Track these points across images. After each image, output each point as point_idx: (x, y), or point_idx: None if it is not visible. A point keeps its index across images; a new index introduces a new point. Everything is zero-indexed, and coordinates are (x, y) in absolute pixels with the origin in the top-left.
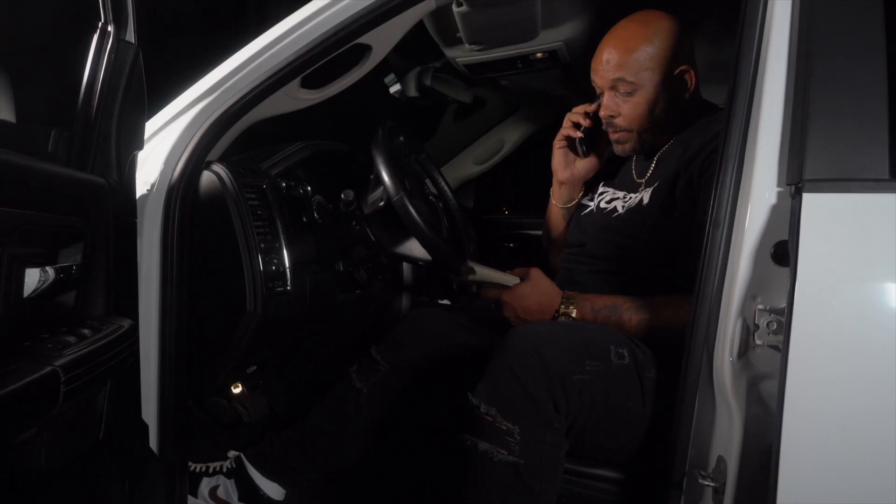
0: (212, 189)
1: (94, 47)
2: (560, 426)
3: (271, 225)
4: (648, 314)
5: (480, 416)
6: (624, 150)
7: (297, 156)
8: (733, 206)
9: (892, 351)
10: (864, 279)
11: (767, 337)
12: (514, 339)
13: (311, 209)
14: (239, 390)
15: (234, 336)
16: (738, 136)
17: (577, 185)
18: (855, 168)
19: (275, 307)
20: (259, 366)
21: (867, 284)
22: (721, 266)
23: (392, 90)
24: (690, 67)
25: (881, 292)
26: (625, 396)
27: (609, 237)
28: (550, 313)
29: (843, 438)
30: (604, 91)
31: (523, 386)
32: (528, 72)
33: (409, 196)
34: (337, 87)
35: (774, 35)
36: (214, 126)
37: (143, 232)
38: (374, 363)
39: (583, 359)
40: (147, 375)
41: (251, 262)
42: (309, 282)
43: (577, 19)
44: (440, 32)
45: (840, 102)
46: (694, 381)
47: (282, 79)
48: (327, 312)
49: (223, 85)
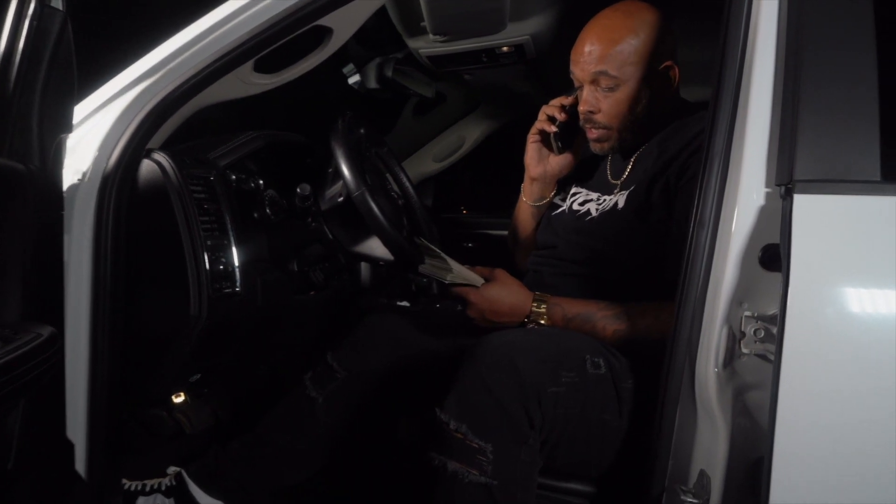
0: (152, 180)
1: (13, 12)
2: (534, 443)
3: (219, 220)
4: (625, 323)
5: (449, 432)
6: (602, 149)
7: (249, 146)
8: (718, 207)
9: (889, 360)
10: (857, 285)
11: (755, 345)
12: (485, 348)
13: (264, 204)
14: (181, 399)
15: (176, 342)
16: (724, 133)
17: (550, 182)
18: (846, 169)
19: (222, 310)
20: (204, 374)
21: (861, 290)
22: (705, 270)
23: (351, 81)
24: (675, 63)
25: (876, 299)
26: (601, 408)
27: (582, 240)
28: (521, 317)
29: (839, 453)
30: (583, 84)
31: (497, 400)
32: (493, 66)
33: (370, 191)
34: (294, 72)
35: (762, 27)
36: (156, 110)
37: (73, 226)
38: (331, 370)
39: (558, 370)
40: (75, 388)
41: (196, 260)
42: (260, 282)
43: (546, 13)
44: (403, 21)
45: (831, 98)
46: (675, 392)
47: (233, 61)
48: (280, 315)
49: (168, 65)
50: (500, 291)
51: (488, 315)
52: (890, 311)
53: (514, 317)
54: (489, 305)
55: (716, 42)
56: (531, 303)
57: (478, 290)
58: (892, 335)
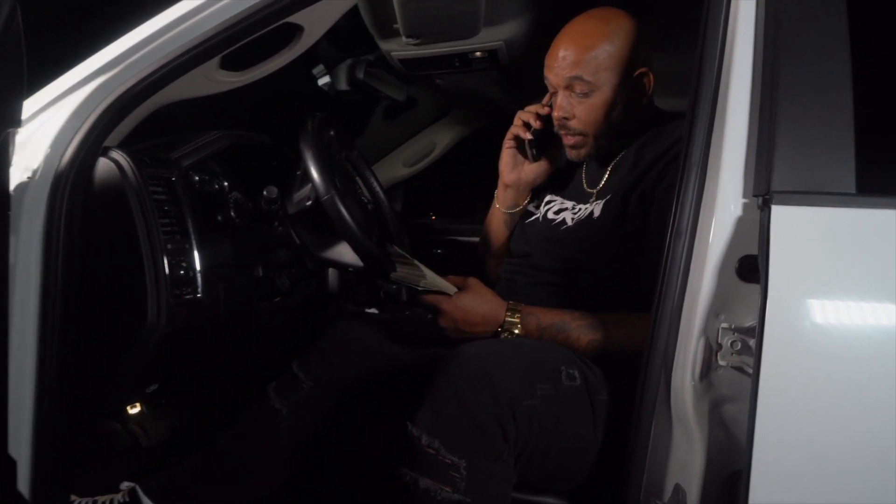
0: (109, 179)
1: None
2: (508, 458)
3: (180, 223)
4: (600, 333)
5: (421, 447)
6: (578, 156)
7: (214, 146)
8: (696, 217)
9: (869, 373)
10: (835, 298)
11: (731, 357)
12: (458, 360)
13: (228, 207)
14: (137, 410)
15: (133, 351)
16: (702, 143)
17: (524, 190)
18: (823, 180)
19: (182, 317)
20: (161, 384)
21: (839, 303)
22: (682, 280)
23: (321, 82)
24: (649, 70)
25: (852, 311)
26: (575, 421)
27: (556, 249)
28: (494, 326)
29: (818, 468)
30: (557, 90)
31: (470, 414)
32: (466, 71)
33: (340, 195)
34: (262, 70)
35: (740, 36)
36: (115, 106)
37: (20, 227)
38: (296, 380)
39: (533, 382)
40: (19, 400)
41: (155, 264)
42: (223, 288)
43: (520, 18)
44: (376, 22)
45: (809, 108)
46: (651, 404)
47: (198, 56)
48: (243, 323)
49: (128, 58)
50: (472, 300)
51: (461, 325)
52: (865, 323)
53: (486, 326)
54: (462, 315)
55: (692, 52)
56: (505, 312)
57: (450, 299)
58: (868, 348)
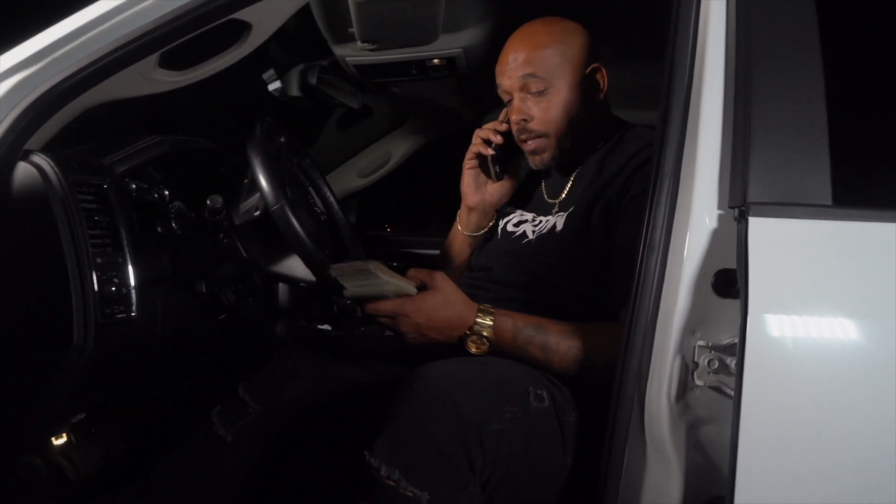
0: (30, 185)
1: None
2: (475, 488)
3: (113, 234)
4: (579, 341)
5: (380, 479)
6: (542, 161)
7: (152, 151)
8: (669, 230)
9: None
10: (817, 313)
11: (708, 377)
12: (420, 382)
13: (169, 217)
14: (62, 441)
15: (56, 377)
16: (674, 153)
17: (489, 211)
18: (799, 192)
19: (113, 338)
20: (90, 413)
21: (821, 319)
22: (655, 297)
23: (271, 88)
24: (601, 66)
25: (836, 326)
26: (544, 445)
27: (519, 263)
28: (461, 330)
29: (805, 494)
30: (513, 96)
31: (433, 442)
32: (423, 79)
33: (290, 205)
34: (205, 69)
35: (710, 43)
36: (38, 105)
37: None
38: (242, 404)
39: (501, 404)
40: None
41: (81, 280)
42: (161, 305)
43: (480, 25)
44: (330, 26)
45: (782, 116)
46: (624, 427)
47: (134, 52)
48: (184, 342)
49: (53, 53)
50: (437, 301)
51: (424, 329)
52: (848, 338)
53: (453, 331)
54: (426, 318)
55: (661, 64)
56: (475, 314)
57: (412, 300)
58: (854, 363)
